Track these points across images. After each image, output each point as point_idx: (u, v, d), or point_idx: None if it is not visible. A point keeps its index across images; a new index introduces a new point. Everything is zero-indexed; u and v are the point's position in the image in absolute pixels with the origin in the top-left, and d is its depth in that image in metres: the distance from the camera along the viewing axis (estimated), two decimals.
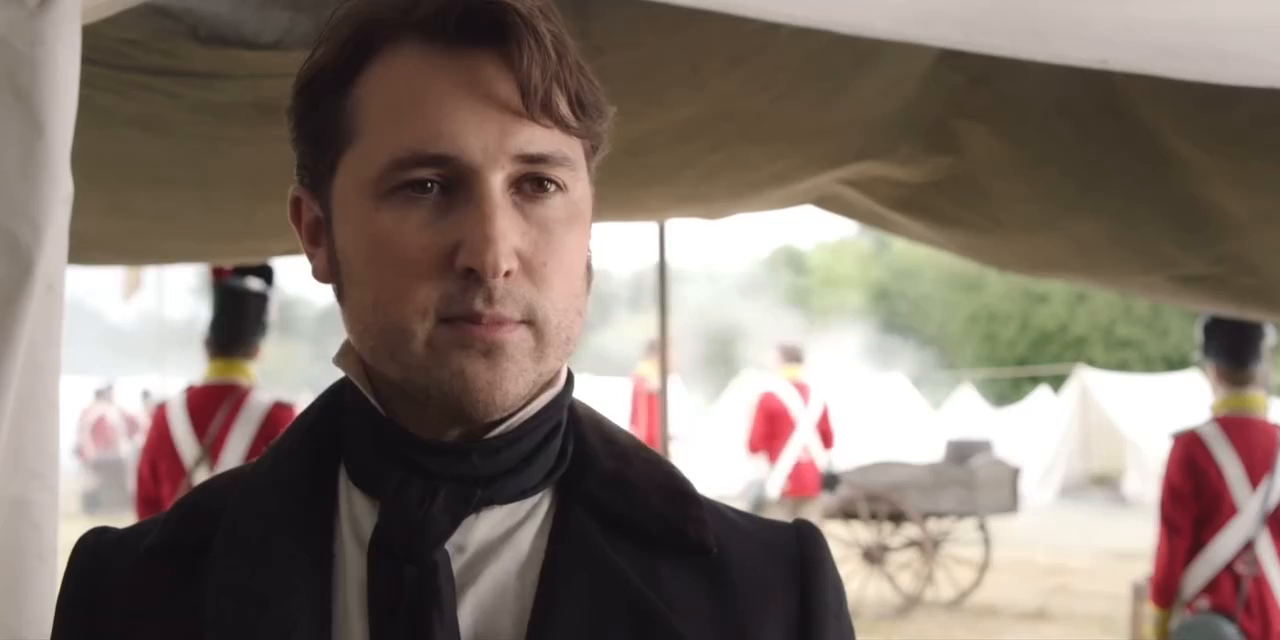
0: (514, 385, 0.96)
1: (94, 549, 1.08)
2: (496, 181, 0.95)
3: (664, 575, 1.02)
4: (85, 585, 1.07)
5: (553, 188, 0.98)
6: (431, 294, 0.95)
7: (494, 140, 0.95)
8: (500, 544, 1.01)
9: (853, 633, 1.10)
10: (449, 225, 0.95)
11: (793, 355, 9.86)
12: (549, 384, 1.03)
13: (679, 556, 1.03)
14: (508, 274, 0.94)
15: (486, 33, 0.95)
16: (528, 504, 1.03)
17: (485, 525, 1.01)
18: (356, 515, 1.02)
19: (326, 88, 1.00)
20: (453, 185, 0.96)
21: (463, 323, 0.95)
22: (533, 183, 0.97)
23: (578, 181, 1.00)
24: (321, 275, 1.04)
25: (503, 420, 1.00)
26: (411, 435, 1.00)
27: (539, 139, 0.96)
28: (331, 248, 1.02)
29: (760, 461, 9.78)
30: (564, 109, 0.97)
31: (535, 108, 0.96)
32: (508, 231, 0.94)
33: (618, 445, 1.09)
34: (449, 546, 0.98)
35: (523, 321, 0.96)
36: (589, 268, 1.04)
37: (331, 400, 1.09)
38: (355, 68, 0.99)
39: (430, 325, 0.95)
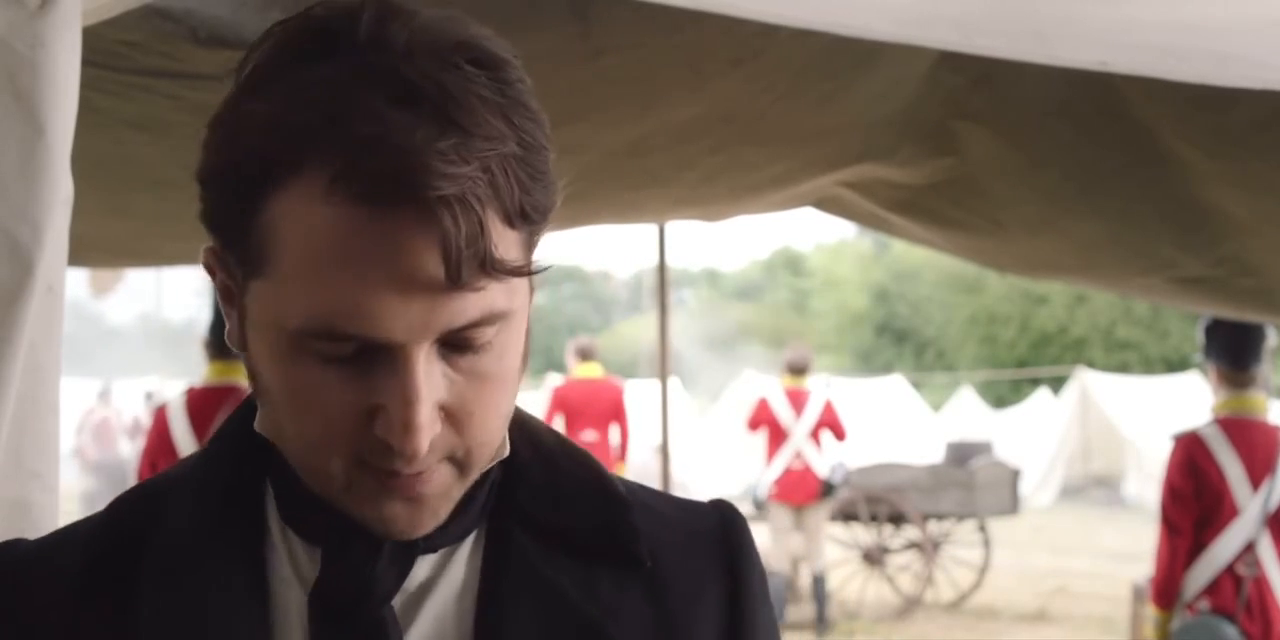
0: (435, 519, 0.93)
1: (4, 563, 1.02)
2: (419, 356, 0.86)
3: (600, 584, 1.00)
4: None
5: (482, 347, 0.89)
6: (350, 446, 0.89)
7: (418, 319, 0.85)
8: (436, 577, 0.99)
9: (774, 615, 1.10)
10: (368, 387, 0.87)
11: (797, 365, 9.82)
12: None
13: (614, 565, 1.02)
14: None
15: (404, 193, 0.82)
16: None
17: (423, 567, 0.99)
18: (295, 554, 0.99)
19: (239, 189, 0.87)
20: (371, 350, 0.87)
21: (382, 472, 0.90)
22: (460, 343, 0.88)
23: (511, 323, 0.91)
24: (235, 342, 0.97)
25: None
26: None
27: (469, 308, 0.86)
28: (245, 344, 0.95)
29: (758, 459, 9.77)
30: (501, 262, 0.86)
31: (463, 279, 0.84)
32: (431, 403, 0.87)
33: (544, 448, 1.06)
34: None
35: (445, 459, 0.92)
36: (527, 335, 0.97)
37: (250, 420, 1.03)
38: (262, 185, 0.86)
39: (349, 467, 0.90)
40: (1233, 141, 2.88)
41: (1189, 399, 15.57)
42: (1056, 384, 22.40)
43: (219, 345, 4.60)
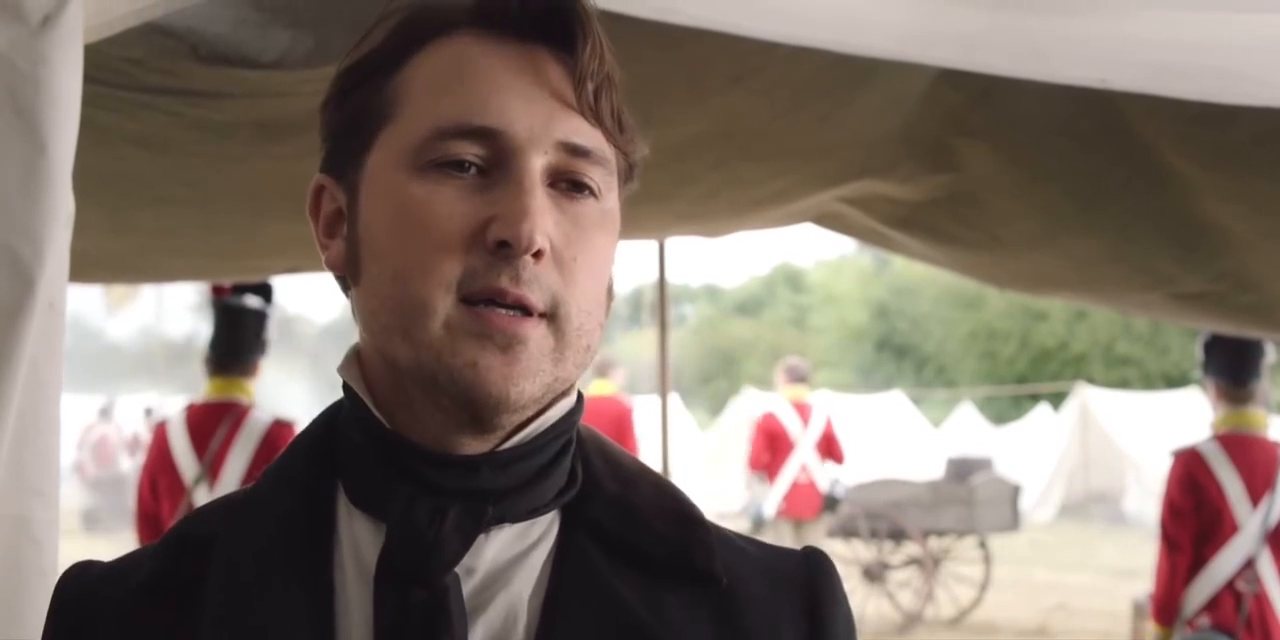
0: (530, 383, 0.92)
1: (79, 583, 1.04)
2: (537, 164, 0.93)
3: (668, 603, 0.97)
4: (72, 621, 1.02)
5: (587, 192, 0.96)
6: (456, 268, 0.91)
7: (541, 122, 0.94)
8: (512, 568, 0.97)
9: None
10: (483, 201, 0.92)
11: (797, 375, 9.83)
12: (563, 394, 0.99)
13: (685, 584, 0.99)
14: (538, 255, 0.91)
15: (547, 28, 0.96)
16: (538, 527, 0.99)
17: (494, 547, 0.96)
18: (358, 541, 0.97)
19: (371, 73, 0.98)
20: (491, 167, 0.93)
21: (484, 307, 0.90)
22: (569, 183, 0.95)
23: (610, 192, 0.99)
24: (335, 263, 1.01)
25: (515, 431, 0.96)
26: (417, 446, 0.95)
27: (585, 131, 0.96)
28: (353, 230, 0.98)
29: (760, 480, 9.76)
30: (609, 115, 0.97)
31: (586, 101, 0.95)
32: (544, 211, 0.92)
33: (623, 469, 1.05)
34: (458, 569, 0.94)
35: (544, 315, 0.92)
36: (610, 289, 1.01)
37: (326, 424, 1.04)
38: (405, 54, 0.98)
39: (451, 302, 0.91)
40: (1232, 158, 2.89)
41: (1189, 415, 15.54)
42: (1056, 400, 22.38)
43: (218, 361, 4.60)
